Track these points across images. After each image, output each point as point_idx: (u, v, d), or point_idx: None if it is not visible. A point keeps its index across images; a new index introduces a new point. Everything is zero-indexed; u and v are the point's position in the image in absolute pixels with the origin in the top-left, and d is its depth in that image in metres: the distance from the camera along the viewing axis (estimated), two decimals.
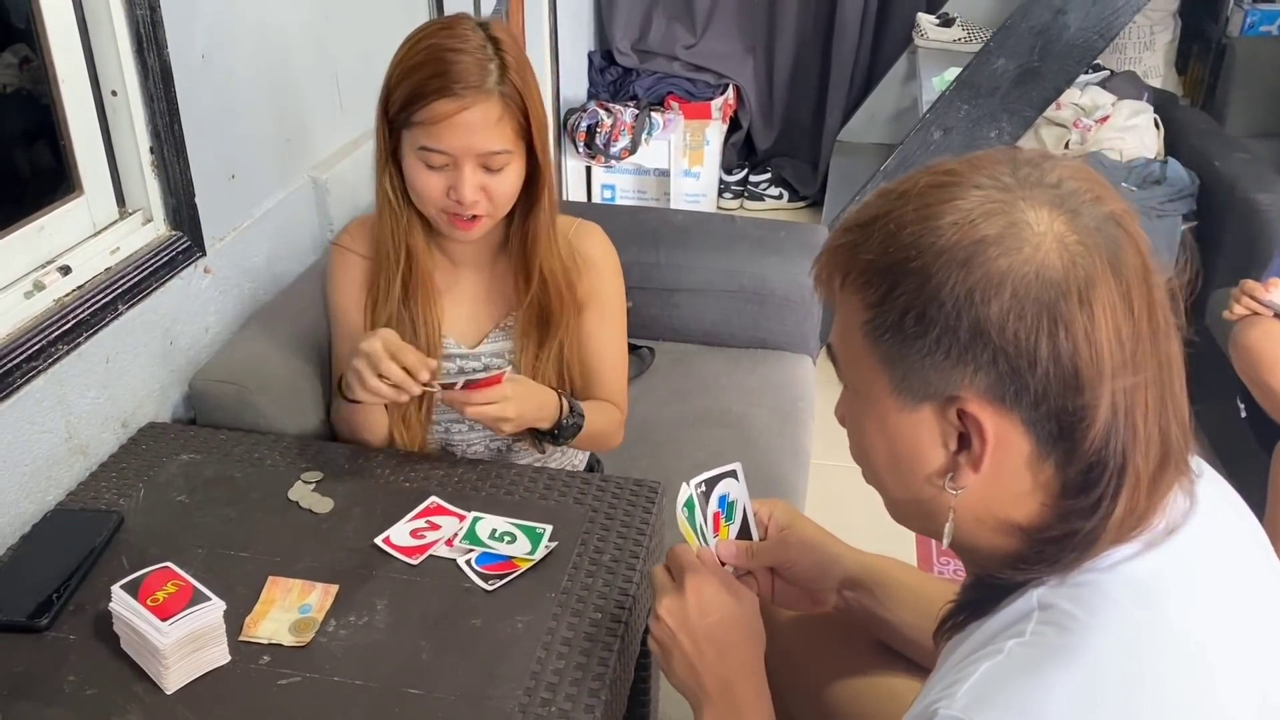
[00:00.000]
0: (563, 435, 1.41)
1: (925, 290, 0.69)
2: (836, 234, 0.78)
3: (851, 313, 0.75)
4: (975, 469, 0.73)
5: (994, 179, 0.72)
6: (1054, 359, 0.68)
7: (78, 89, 1.38)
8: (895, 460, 0.78)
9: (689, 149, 3.80)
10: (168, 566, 1.07)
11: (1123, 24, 2.72)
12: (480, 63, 1.28)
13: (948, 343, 0.69)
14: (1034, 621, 0.72)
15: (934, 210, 0.71)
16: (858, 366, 0.77)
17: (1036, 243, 0.68)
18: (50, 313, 1.31)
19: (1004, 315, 0.68)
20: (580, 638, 1.10)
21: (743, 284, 2.24)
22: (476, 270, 1.48)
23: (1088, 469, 0.71)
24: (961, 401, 0.71)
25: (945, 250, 0.69)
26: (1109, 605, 0.71)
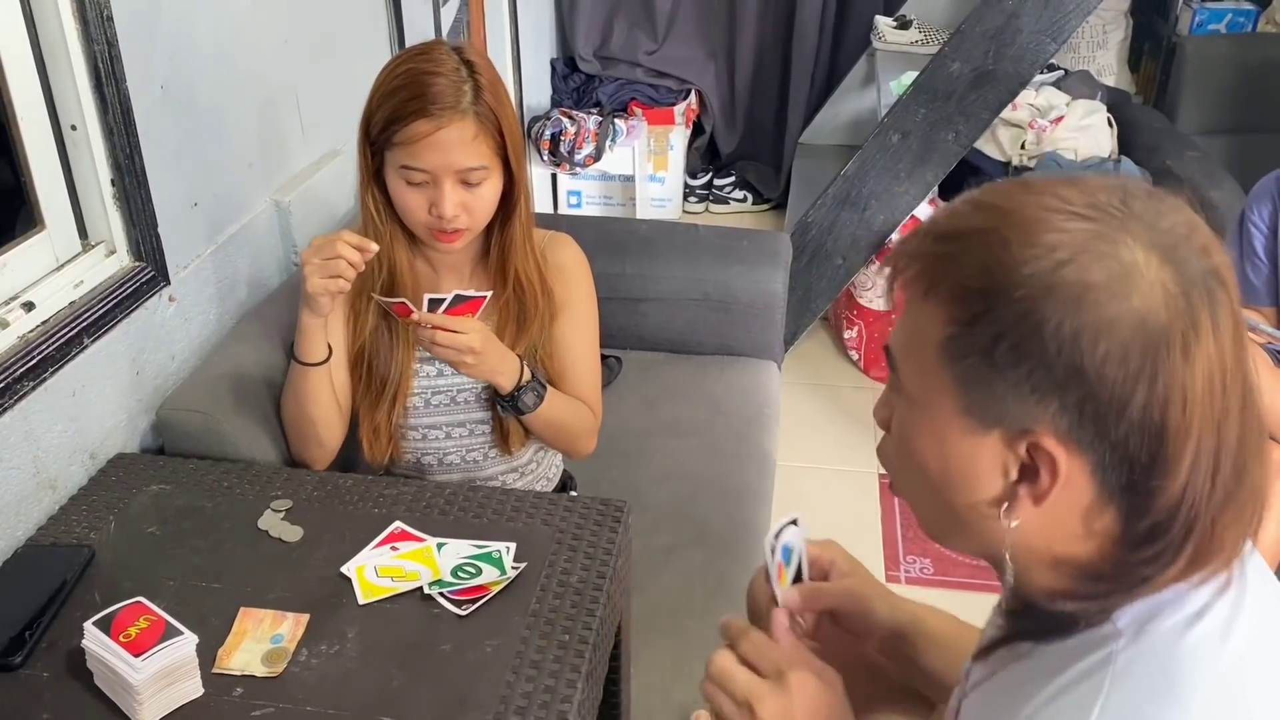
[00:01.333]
0: (521, 399, 1.46)
1: (1026, 323, 0.67)
2: (924, 239, 0.75)
3: (931, 325, 0.73)
4: (1037, 503, 0.72)
5: (1103, 210, 0.70)
6: (1144, 409, 0.67)
7: (37, 125, 1.38)
8: (946, 477, 0.76)
9: (653, 154, 3.82)
10: (139, 601, 1.09)
11: (1074, 26, 2.77)
12: (456, 85, 1.35)
13: (1039, 378, 0.68)
14: (1109, 677, 0.71)
15: (1040, 238, 0.68)
16: (923, 379, 0.75)
17: (1146, 290, 0.66)
18: (15, 350, 1.32)
19: (1106, 361, 0.66)
20: (549, 660, 1.12)
21: (708, 292, 2.27)
22: (458, 279, 1.54)
23: (1156, 524, 0.70)
24: (1036, 435, 0.69)
25: (1056, 287, 0.67)
26: (1189, 661, 0.70)
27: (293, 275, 1.87)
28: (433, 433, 1.53)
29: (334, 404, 1.48)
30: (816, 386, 3.08)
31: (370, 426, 1.50)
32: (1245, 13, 3.50)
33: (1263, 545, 1.95)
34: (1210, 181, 2.66)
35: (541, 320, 1.52)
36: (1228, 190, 2.60)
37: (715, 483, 1.93)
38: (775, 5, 3.94)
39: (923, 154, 2.89)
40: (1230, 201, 2.53)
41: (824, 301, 3.04)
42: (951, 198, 3.36)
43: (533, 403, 1.47)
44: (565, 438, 1.58)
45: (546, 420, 1.51)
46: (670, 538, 1.76)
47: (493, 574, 1.22)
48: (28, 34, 1.35)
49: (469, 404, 1.53)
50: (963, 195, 0.76)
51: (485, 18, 3.26)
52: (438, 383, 1.53)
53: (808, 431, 2.78)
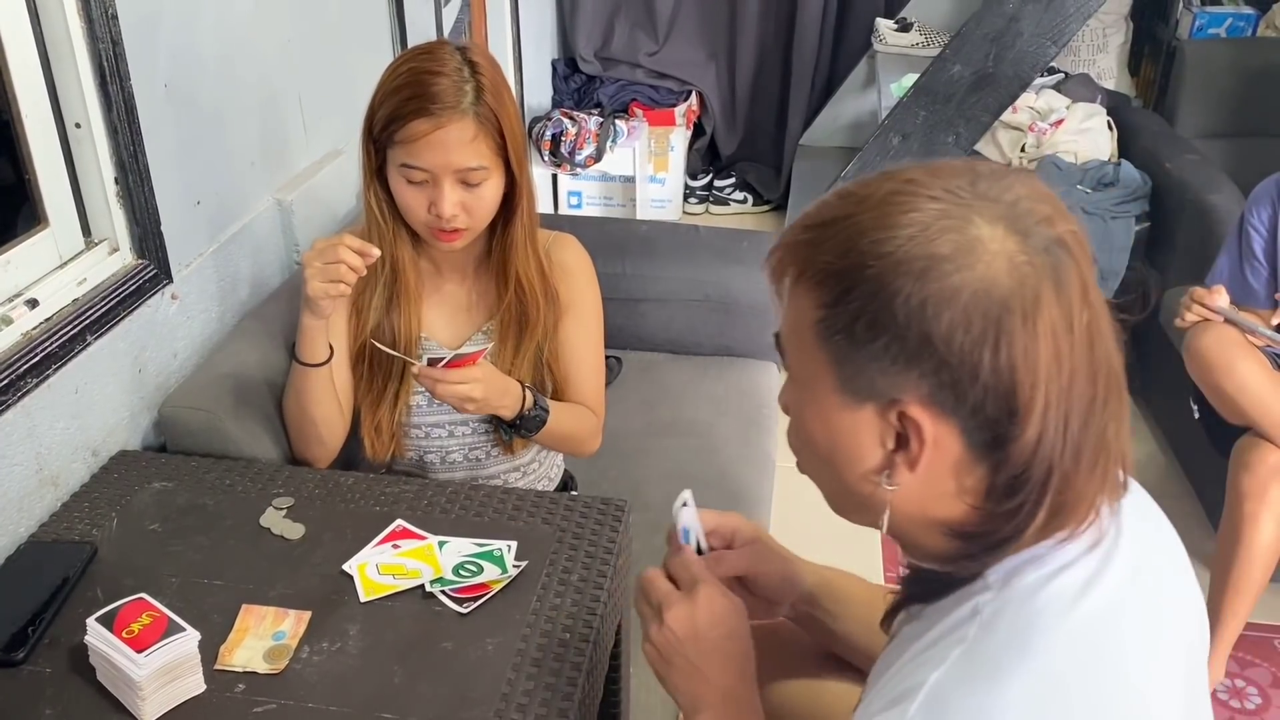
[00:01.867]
0: (525, 426, 1.47)
1: (879, 298, 0.72)
2: (795, 230, 0.80)
3: (803, 310, 0.77)
4: (911, 469, 0.76)
5: (953, 192, 0.74)
6: (993, 372, 0.71)
7: (41, 123, 1.39)
8: (833, 453, 0.80)
9: (654, 155, 3.83)
10: (142, 598, 1.09)
11: (1074, 30, 2.78)
12: (457, 85, 1.35)
13: (896, 349, 0.72)
14: (975, 627, 0.75)
15: (893, 219, 0.73)
16: (804, 361, 0.79)
17: (989, 260, 0.71)
18: (18, 347, 1.32)
19: (952, 328, 0.70)
20: (550, 658, 1.13)
21: (707, 293, 2.28)
22: (460, 278, 1.54)
23: (1014, 477, 0.75)
24: (903, 405, 0.74)
25: (902, 262, 0.71)
26: (1043, 614, 0.74)
27: (294, 274, 1.88)
28: (435, 431, 1.54)
29: (335, 404, 1.49)
30: None
31: (372, 424, 1.51)
32: (1245, 17, 3.51)
33: (1260, 544, 1.97)
34: (1209, 185, 2.67)
35: (545, 322, 1.52)
36: (1227, 194, 2.61)
37: (715, 483, 1.93)
38: (776, 7, 3.95)
39: (923, 156, 2.90)
40: (1230, 205, 2.54)
41: None
42: None
43: (535, 428, 1.49)
44: (569, 445, 1.60)
45: (550, 434, 1.52)
46: None
47: (494, 572, 1.23)
48: (33, 32, 1.35)
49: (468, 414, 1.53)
50: (835, 188, 0.81)
51: (487, 18, 3.27)
52: None
53: None
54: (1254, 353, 1.92)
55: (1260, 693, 2.04)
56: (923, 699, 0.73)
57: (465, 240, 1.45)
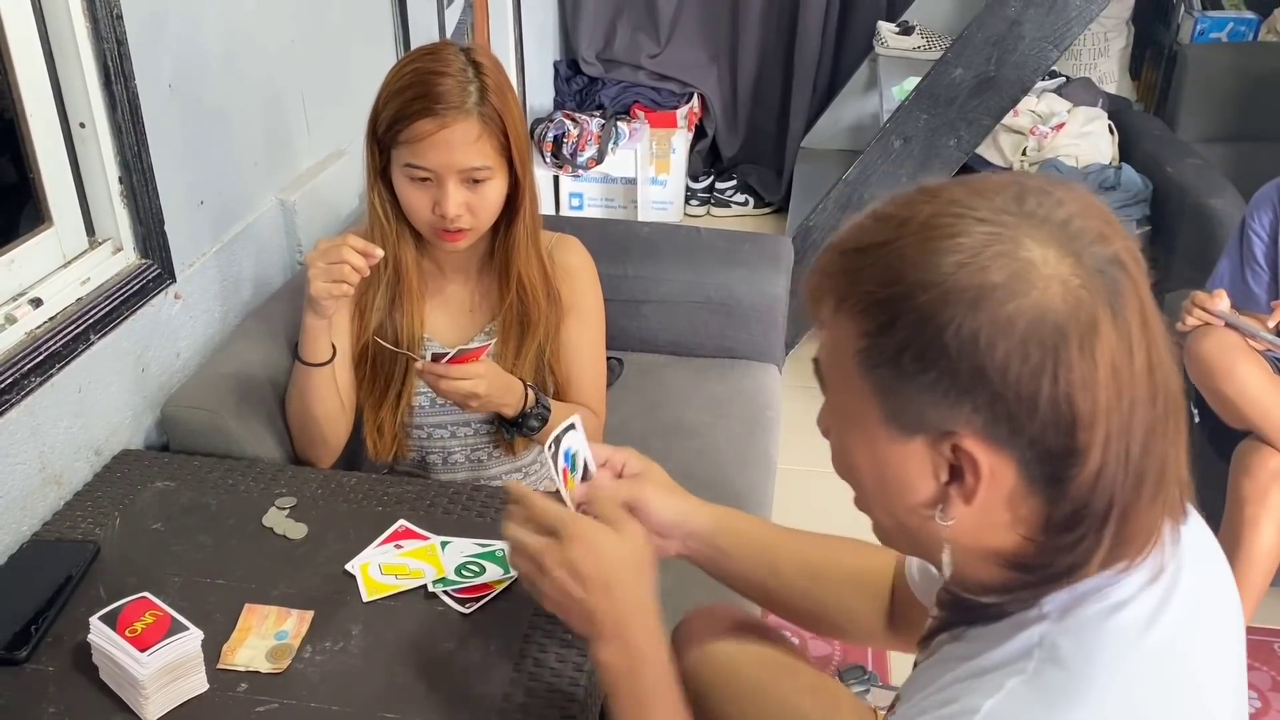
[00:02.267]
0: (527, 425, 1.48)
1: (928, 329, 0.68)
2: (832, 256, 0.76)
3: (844, 339, 0.74)
4: (967, 502, 0.73)
5: (999, 211, 0.71)
6: (1052, 403, 0.68)
7: (46, 122, 1.39)
8: (882, 485, 0.78)
9: (655, 157, 3.83)
10: (145, 596, 1.09)
11: (1076, 34, 2.78)
12: (461, 85, 1.36)
13: (947, 382, 0.69)
14: (1035, 660, 0.72)
15: (938, 245, 0.69)
16: (847, 392, 0.76)
17: (1043, 287, 0.67)
18: (22, 345, 1.32)
19: (1007, 360, 0.67)
20: (551, 658, 1.13)
21: (709, 295, 2.28)
22: (464, 279, 1.55)
23: (1074, 511, 0.72)
24: (957, 437, 0.71)
25: (951, 291, 0.68)
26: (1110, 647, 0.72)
27: (297, 274, 1.88)
28: (438, 432, 1.54)
29: (338, 403, 1.49)
30: (817, 390, 3.07)
31: (374, 424, 1.51)
32: (1246, 21, 3.51)
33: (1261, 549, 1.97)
34: (1211, 189, 2.68)
35: (546, 323, 1.53)
36: (1228, 198, 2.61)
37: (716, 485, 1.93)
38: (778, 9, 3.95)
39: (924, 159, 2.90)
40: (1231, 209, 2.54)
41: None
42: None
43: (537, 427, 1.49)
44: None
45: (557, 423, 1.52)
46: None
47: (496, 572, 1.23)
48: (38, 31, 1.36)
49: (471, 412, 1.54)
50: (868, 209, 0.77)
51: (489, 19, 3.27)
52: None
53: (808, 435, 2.76)
54: (1255, 357, 1.92)
55: (1260, 696, 2.04)
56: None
57: (469, 240, 1.45)
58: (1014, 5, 2.75)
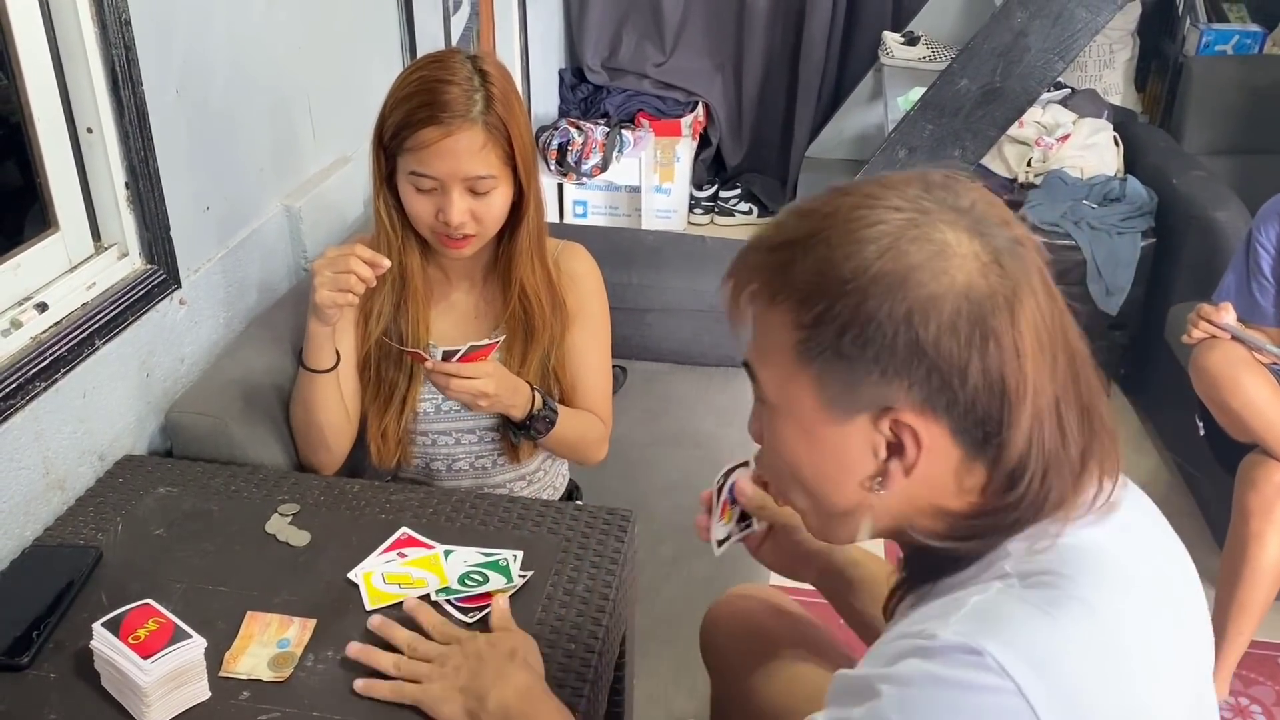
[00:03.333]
0: (534, 427, 1.48)
1: (862, 312, 0.72)
2: (757, 251, 0.80)
3: (780, 332, 0.77)
4: (907, 474, 0.77)
5: (911, 201, 0.76)
6: (983, 371, 0.73)
7: (53, 127, 1.39)
8: (819, 470, 0.81)
9: (660, 166, 3.83)
10: (148, 604, 1.09)
11: (1081, 45, 2.79)
12: (467, 94, 1.36)
13: (885, 360, 0.73)
14: (1014, 578, 0.75)
15: (862, 234, 0.74)
16: (782, 383, 0.79)
17: (960, 264, 0.73)
18: (28, 350, 1.32)
19: (939, 333, 0.72)
20: (554, 668, 1.12)
21: (713, 303, 2.25)
22: (469, 286, 1.55)
23: (1012, 469, 0.76)
24: (896, 412, 0.75)
25: (880, 275, 0.72)
26: (1085, 559, 0.75)
27: (302, 280, 1.88)
28: (442, 439, 1.54)
29: (342, 410, 1.49)
30: None
31: (379, 430, 1.51)
32: (1252, 34, 3.51)
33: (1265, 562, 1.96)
34: (1216, 202, 2.67)
35: (551, 330, 1.53)
36: (1233, 211, 2.61)
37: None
38: (783, 19, 3.96)
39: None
40: (1236, 222, 2.54)
41: None
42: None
43: (544, 430, 1.49)
44: (577, 451, 1.60)
45: (559, 440, 1.52)
46: (674, 549, 1.76)
47: (499, 582, 1.23)
48: (46, 37, 1.36)
49: (480, 414, 1.54)
50: (785, 207, 0.82)
51: (495, 27, 3.28)
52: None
53: None
54: (1261, 370, 1.91)
55: (1265, 711, 2.04)
56: (965, 613, 0.73)
57: (473, 248, 1.45)
58: (1020, 16, 2.76)
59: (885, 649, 0.76)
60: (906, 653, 0.72)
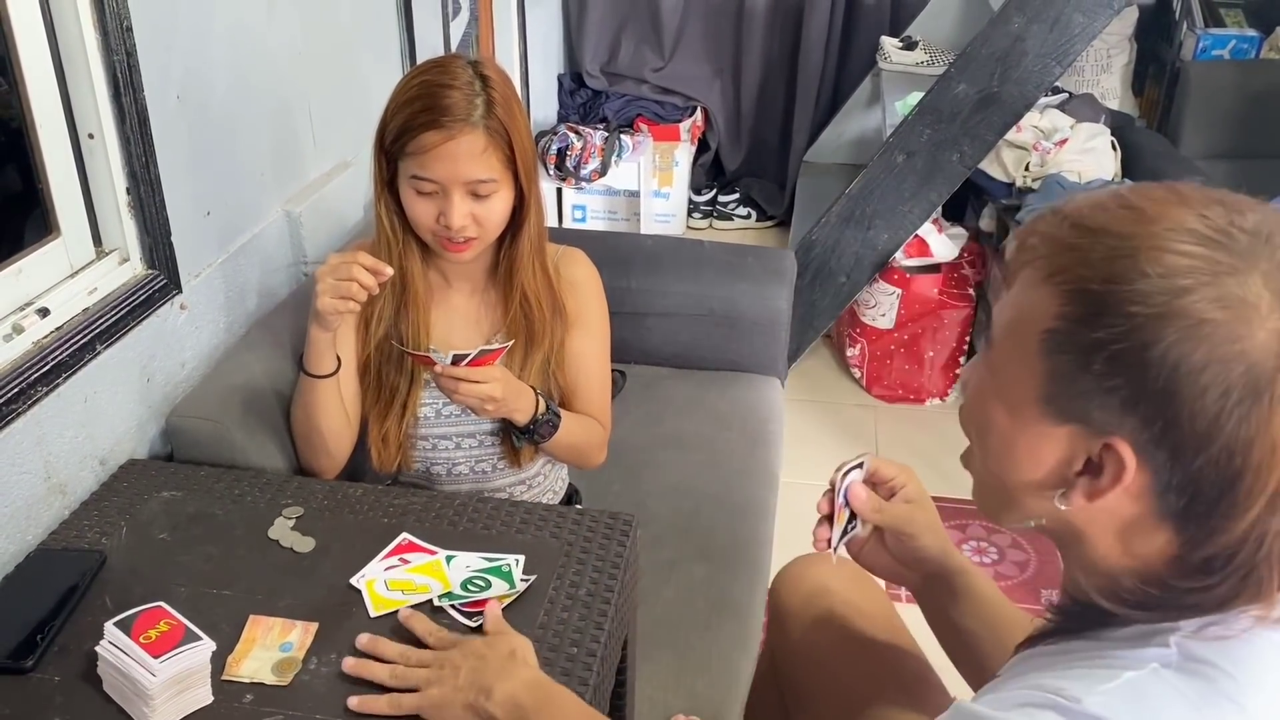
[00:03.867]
0: (538, 431, 1.48)
1: (1133, 338, 0.68)
2: (1058, 222, 0.75)
3: (1037, 310, 0.73)
4: (1090, 499, 0.73)
5: (1245, 235, 0.69)
6: (1227, 449, 0.67)
7: (55, 133, 1.40)
8: (1007, 453, 0.78)
9: (658, 170, 3.84)
10: (160, 606, 1.09)
11: (1079, 50, 2.79)
12: (468, 98, 1.37)
13: (1129, 393, 0.68)
14: (1179, 657, 0.71)
15: (1167, 259, 0.68)
16: (1012, 358, 0.75)
17: (1260, 335, 0.67)
18: (29, 355, 1.33)
19: (1204, 395, 0.67)
20: (556, 672, 1.13)
21: (712, 308, 2.28)
22: (470, 291, 1.56)
23: (1212, 557, 0.71)
24: (1114, 440, 0.70)
25: (1170, 314, 0.67)
26: (1268, 673, 0.71)
27: (302, 285, 1.89)
28: (443, 443, 1.54)
29: (343, 415, 1.49)
30: (818, 404, 3.09)
31: (379, 434, 1.51)
32: (1249, 39, 3.53)
33: None
34: None
35: (551, 336, 1.53)
36: None
37: (719, 498, 1.94)
38: (781, 24, 3.97)
39: (927, 174, 2.91)
40: None
41: (827, 319, 3.05)
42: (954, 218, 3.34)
43: (548, 434, 1.50)
44: (577, 456, 1.60)
45: (560, 444, 1.53)
46: (673, 552, 1.77)
47: (502, 587, 1.23)
48: (48, 43, 1.36)
49: (480, 419, 1.54)
50: (1114, 189, 0.75)
51: (494, 33, 3.29)
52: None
53: (811, 448, 2.79)
54: None
55: None
56: (1115, 686, 0.69)
57: (474, 252, 1.46)
58: (1017, 21, 2.77)
59: (1018, 693, 0.73)
60: (1043, 705, 0.70)
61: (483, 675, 1.05)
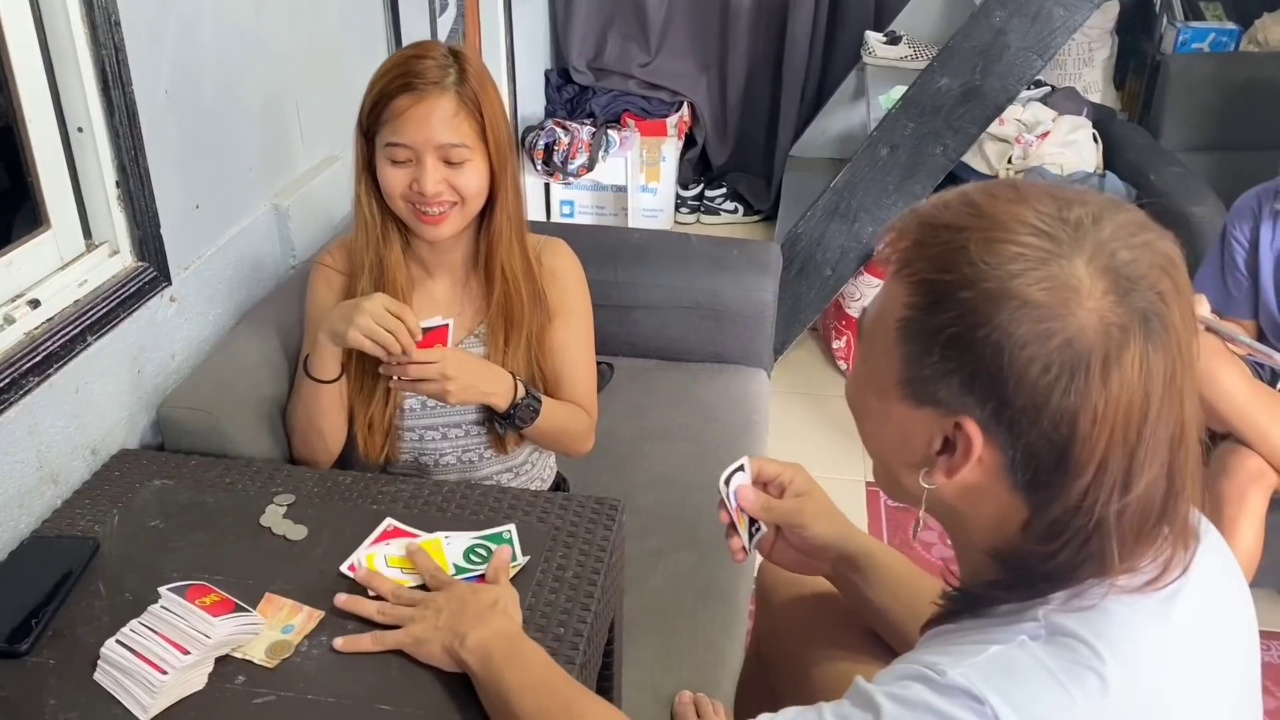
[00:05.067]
0: (519, 416, 1.50)
1: (966, 321, 0.73)
2: (910, 220, 0.80)
3: (894, 302, 0.79)
4: (948, 475, 0.79)
5: (1071, 225, 0.73)
6: (1054, 419, 0.72)
7: (44, 127, 1.41)
8: (883, 435, 0.84)
9: (645, 165, 3.86)
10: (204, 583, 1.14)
11: (1060, 43, 2.82)
12: (441, 66, 1.41)
13: (967, 373, 0.74)
14: (1046, 630, 0.75)
15: (1000, 248, 0.73)
16: (877, 349, 0.81)
17: (1082, 316, 0.71)
18: (21, 345, 1.34)
19: (1025, 369, 0.72)
20: (547, 638, 1.15)
21: (698, 300, 2.30)
22: (451, 281, 1.57)
23: (1053, 521, 0.76)
24: (961, 419, 0.76)
25: (999, 295, 0.72)
26: (1127, 643, 0.74)
27: (290, 278, 1.90)
28: (429, 434, 1.56)
29: (342, 416, 1.51)
30: (805, 395, 3.11)
31: (364, 421, 1.52)
32: (1228, 32, 3.57)
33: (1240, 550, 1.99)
34: (1193, 197, 2.71)
35: (531, 320, 1.54)
36: (1210, 206, 2.65)
37: (705, 488, 1.91)
38: (767, 20, 3.99)
39: (911, 167, 2.94)
40: (1212, 217, 2.58)
41: (813, 311, 3.08)
42: None
43: (529, 418, 1.51)
44: (562, 442, 1.62)
45: (543, 430, 1.54)
46: (660, 541, 1.79)
47: (505, 551, 1.26)
48: (37, 37, 1.38)
49: (465, 407, 1.56)
50: (963, 187, 0.80)
51: (481, 28, 3.30)
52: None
53: (796, 439, 2.82)
54: (1235, 361, 1.95)
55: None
56: (982, 659, 0.74)
57: (452, 225, 1.46)
58: (999, 15, 2.80)
59: (902, 667, 0.78)
60: (916, 677, 0.75)
61: (460, 620, 1.10)
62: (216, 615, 1.09)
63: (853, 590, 1.19)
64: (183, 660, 1.05)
